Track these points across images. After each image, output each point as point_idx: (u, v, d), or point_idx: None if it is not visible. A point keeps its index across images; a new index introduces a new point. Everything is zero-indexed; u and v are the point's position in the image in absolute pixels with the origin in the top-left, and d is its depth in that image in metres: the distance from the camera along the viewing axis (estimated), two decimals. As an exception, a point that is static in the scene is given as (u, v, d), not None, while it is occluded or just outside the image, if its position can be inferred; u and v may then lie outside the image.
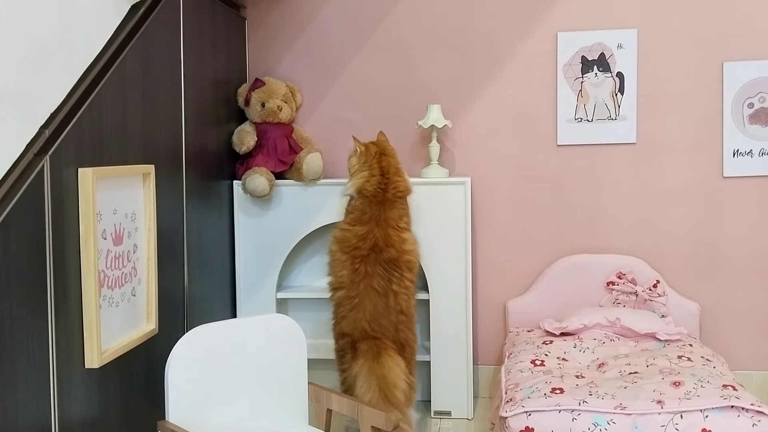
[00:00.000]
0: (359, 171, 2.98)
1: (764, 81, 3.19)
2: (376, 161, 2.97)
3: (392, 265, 2.87)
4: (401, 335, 2.88)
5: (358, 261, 2.87)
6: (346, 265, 2.89)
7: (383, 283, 2.86)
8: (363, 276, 2.86)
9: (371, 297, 2.84)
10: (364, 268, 2.86)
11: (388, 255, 2.87)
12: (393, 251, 2.88)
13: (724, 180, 3.26)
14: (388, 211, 2.92)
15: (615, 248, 3.33)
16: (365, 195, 2.93)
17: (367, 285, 2.85)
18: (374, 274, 2.85)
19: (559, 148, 3.35)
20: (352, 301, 2.87)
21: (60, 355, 1.91)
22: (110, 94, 2.16)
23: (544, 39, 3.33)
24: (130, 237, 2.28)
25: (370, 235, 2.88)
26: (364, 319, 2.84)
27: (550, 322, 3.09)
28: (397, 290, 2.87)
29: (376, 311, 2.84)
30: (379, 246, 2.87)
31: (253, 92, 3.26)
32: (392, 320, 2.85)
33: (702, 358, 2.73)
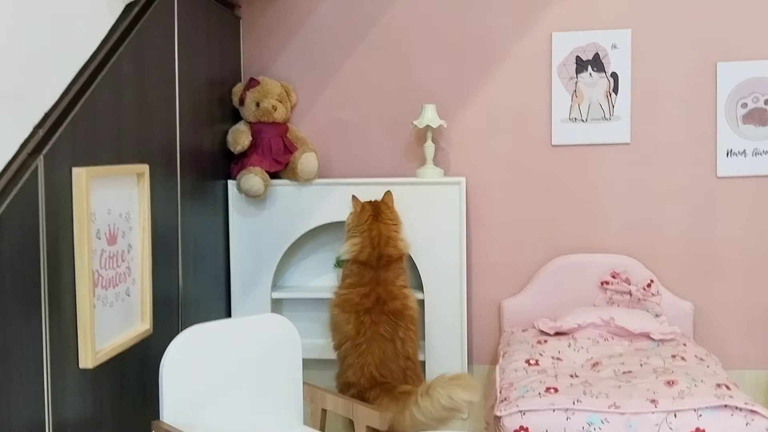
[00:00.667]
0: (351, 237, 2.96)
1: (758, 81, 3.21)
2: (368, 228, 2.93)
3: (397, 315, 2.85)
4: (410, 381, 2.81)
5: (362, 314, 2.84)
6: (350, 320, 2.85)
7: (389, 329, 2.82)
8: (369, 325, 2.82)
9: (379, 342, 2.80)
10: (369, 319, 2.83)
11: (393, 306, 2.85)
12: (397, 303, 2.86)
13: (718, 180, 3.27)
14: (384, 273, 2.90)
15: (609, 248, 3.34)
16: (359, 262, 2.92)
17: (373, 332, 2.81)
18: (380, 322, 2.82)
19: (553, 148, 3.36)
20: (358, 348, 2.81)
21: (54, 355, 1.91)
22: (104, 93, 2.16)
23: (538, 39, 3.33)
24: (125, 237, 2.28)
25: (372, 292, 2.86)
26: (372, 364, 2.77)
27: (545, 322, 3.10)
28: (404, 337, 2.83)
29: (384, 356, 2.79)
30: (382, 299, 2.85)
31: (248, 92, 3.25)
32: (401, 365, 2.80)
33: (696, 357, 2.74)
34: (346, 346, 2.85)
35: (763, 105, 3.21)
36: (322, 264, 3.45)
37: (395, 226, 2.98)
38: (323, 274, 3.46)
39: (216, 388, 2.12)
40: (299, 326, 3.41)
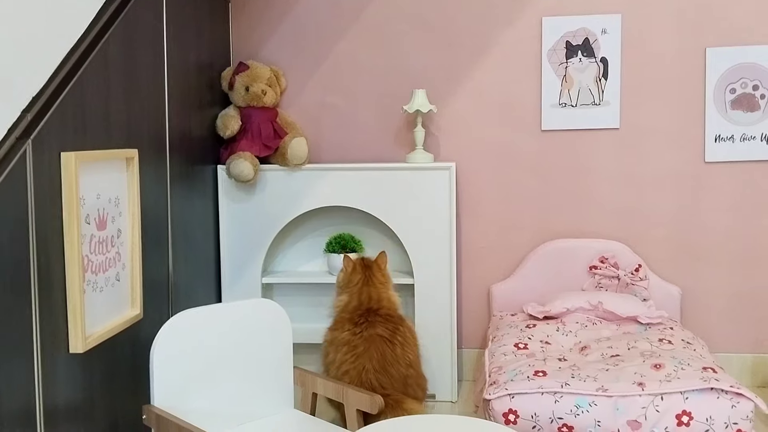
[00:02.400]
0: (340, 294, 2.87)
1: (746, 67, 3.22)
2: (357, 289, 2.81)
3: (395, 319, 2.74)
4: (411, 391, 2.64)
5: (358, 318, 2.72)
6: (345, 328, 2.72)
7: (388, 330, 2.67)
8: (366, 327, 2.68)
9: (377, 344, 2.62)
10: (365, 320, 2.70)
11: (388, 312, 2.75)
12: (393, 312, 2.76)
13: (706, 165, 3.29)
14: (376, 324, 2.72)
15: (598, 233, 3.36)
16: (348, 312, 2.80)
17: (371, 333, 2.65)
18: (377, 323, 2.69)
19: (543, 133, 3.36)
20: (355, 351, 2.62)
21: (44, 340, 1.90)
22: (93, 77, 2.14)
23: (528, 24, 3.33)
24: (114, 222, 2.27)
25: (364, 303, 2.76)
26: (370, 369, 2.57)
27: (534, 306, 3.12)
28: (404, 341, 2.68)
29: (383, 359, 2.59)
30: (374, 308, 2.75)
31: (237, 76, 3.24)
32: (401, 372, 2.62)
33: (682, 341, 2.77)
34: (342, 353, 2.65)
35: (751, 90, 3.23)
36: (312, 249, 3.46)
37: (385, 288, 2.85)
38: (313, 259, 3.47)
39: (207, 373, 2.12)
40: (289, 311, 3.45)
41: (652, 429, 2.30)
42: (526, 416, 2.36)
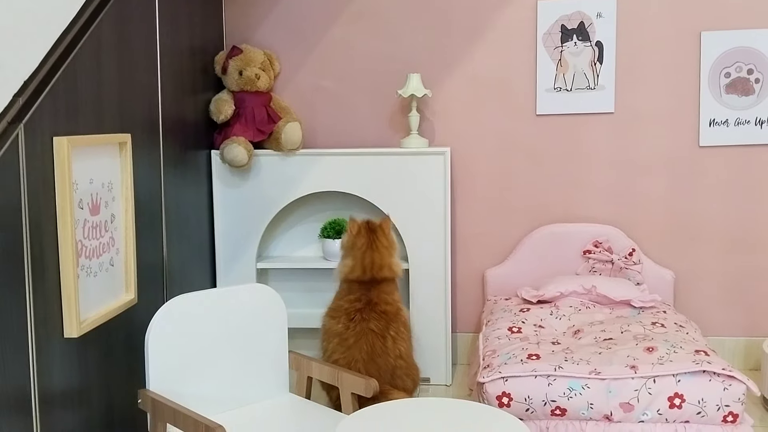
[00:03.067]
0: (344, 257, 2.85)
1: (741, 51, 3.22)
2: (361, 253, 2.79)
3: (390, 316, 2.74)
4: (399, 382, 2.68)
5: (353, 312, 2.72)
6: (340, 320, 2.73)
7: (380, 326, 2.69)
8: (359, 321, 2.69)
9: (368, 338, 2.66)
10: (360, 316, 2.70)
11: (386, 308, 2.74)
12: (391, 307, 2.76)
13: (700, 149, 3.29)
14: (377, 287, 2.77)
15: (592, 217, 3.37)
16: (350, 280, 2.81)
17: (363, 327, 2.68)
18: (370, 318, 2.69)
19: (538, 118, 3.36)
20: (345, 343, 2.67)
21: (38, 325, 1.90)
22: (85, 61, 2.13)
23: (523, 7, 3.32)
24: (108, 207, 2.27)
25: (364, 296, 2.75)
26: (359, 360, 2.63)
27: (528, 290, 3.13)
28: (395, 336, 2.70)
29: (372, 351, 2.64)
30: (373, 302, 2.74)
31: (231, 60, 3.22)
32: (390, 363, 2.66)
33: (675, 324, 2.78)
34: (334, 344, 2.71)
35: (746, 75, 3.22)
36: (307, 234, 3.46)
37: (389, 252, 2.84)
38: (308, 244, 3.47)
39: (202, 357, 2.13)
40: (284, 296, 3.46)
41: (645, 411, 2.32)
42: (519, 399, 2.37)
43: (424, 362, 3.23)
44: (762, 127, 3.23)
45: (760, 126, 3.24)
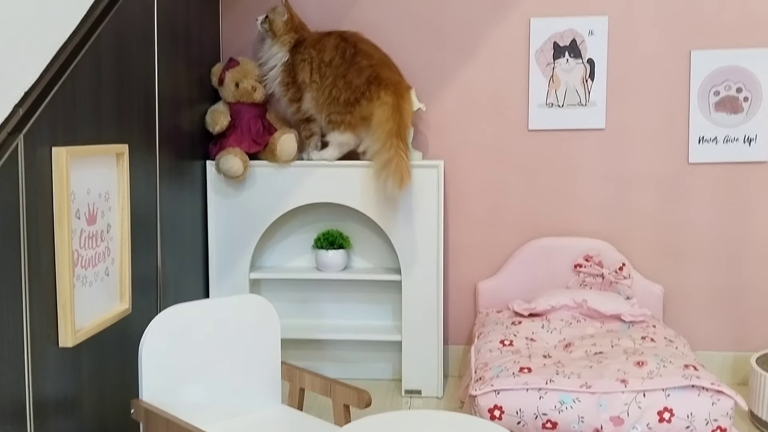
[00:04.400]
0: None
1: (730, 69, 3.27)
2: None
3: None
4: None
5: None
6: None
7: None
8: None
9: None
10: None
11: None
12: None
13: (690, 166, 3.34)
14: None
15: (583, 231, 3.40)
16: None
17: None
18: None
19: (530, 133, 3.40)
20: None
21: (34, 334, 1.91)
22: (84, 72, 2.15)
23: (517, 24, 3.36)
24: (104, 216, 2.28)
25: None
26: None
27: (519, 303, 3.16)
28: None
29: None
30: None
31: (228, 72, 3.25)
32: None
33: (665, 339, 2.81)
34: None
35: (734, 93, 3.28)
36: (300, 245, 3.47)
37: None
38: (301, 255, 3.48)
39: (195, 368, 2.14)
40: (277, 306, 3.47)
41: (635, 425, 2.35)
42: (511, 412, 2.39)
43: (415, 374, 3.25)
44: (750, 144, 3.28)
45: (749, 144, 3.29)
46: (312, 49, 3.21)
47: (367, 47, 3.21)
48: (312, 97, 3.20)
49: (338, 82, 3.14)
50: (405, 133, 3.12)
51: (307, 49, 3.22)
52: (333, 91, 3.15)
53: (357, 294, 3.46)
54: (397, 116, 3.07)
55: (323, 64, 3.18)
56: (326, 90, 3.16)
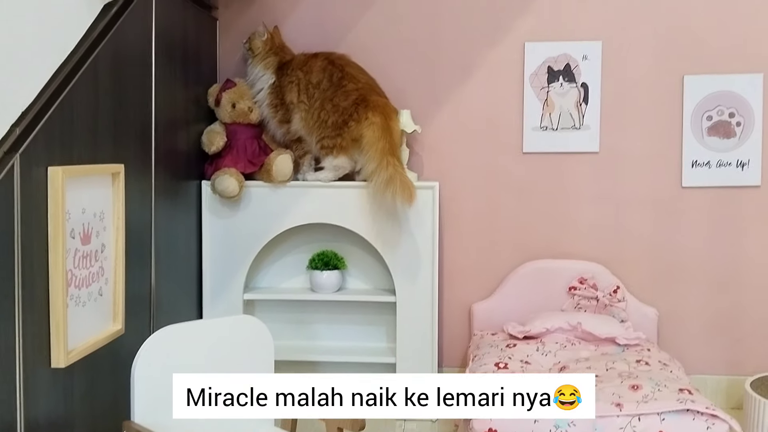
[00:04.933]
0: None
1: (723, 94, 3.30)
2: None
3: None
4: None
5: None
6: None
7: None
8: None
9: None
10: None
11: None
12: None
13: (683, 190, 3.36)
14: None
15: (577, 254, 3.40)
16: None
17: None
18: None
19: (524, 156, 3.42)
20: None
21: (26, 354, 1.90)
22: (81, 93, 2.15)
23: (511, 48, 3.39)
24: (99, 236, 2.27)
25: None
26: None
27: (514, 326, 3.15)
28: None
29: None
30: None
31: (224, 93, 3.26)
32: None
33: (659, 362, 2.81)
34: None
35: (727, 118, 3.31)
36: (294, 266, 3.47)
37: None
38: (296, 275, 3.47)
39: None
40: (271, 328, 3.42)
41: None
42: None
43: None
44: (743, 169, 3.31)
45: (741, 168, 3.31)
46: (299, 71, 3.23)
47: (354, 71, 3.24)
48: (301, 117, 3.22)
49: (326, 105, 3.17)
50: (397, 151, 3.14)
51: (294, 71, 3.24)
52: (321, 114, 3.18)
53: (351, 315, 3.45)
54: (387, 135, 3.11)
55: (311, 85, 3.20)
56: (315, 112, 3.19)
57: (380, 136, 3.10)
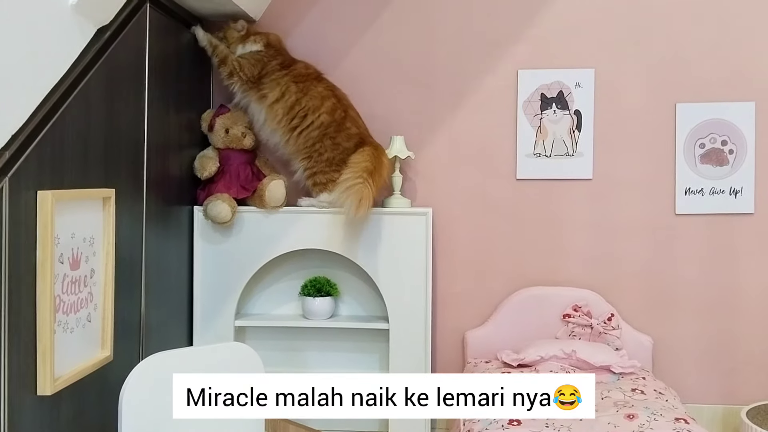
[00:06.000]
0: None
1: (715, 122, 3.32)
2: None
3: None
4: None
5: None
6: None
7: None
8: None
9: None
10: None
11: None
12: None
13: (676, 217, 3.35)
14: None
15: (571, 281, 3.39)
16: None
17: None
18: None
19: (518, 182, 3.41)
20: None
21: (11, 380, 1.86)
22: (73, 116, 2.14)
23: (504, 75, 3.40)
24: (88, 261, 2.25)
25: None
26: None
27: (508, 354, 3.12)
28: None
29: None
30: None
31: (218, 118, 3.25)
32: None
33: (655, 391, 2.78)
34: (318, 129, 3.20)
35: (720, 146, 3.32)
36: (286, 292, 3.43)
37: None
38: (288, 302, 3.44)
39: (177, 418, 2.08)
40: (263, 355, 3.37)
41: (626, 480, 2.30)
42: (499, 466, 2.34)
43: (403, 426, 3.18)
44: (736, 196, 3.31)
45: (734, 196, 3.31)
46: (292, 84, 3.21)
47: (354, 114, 3.28)
48: (276, 120, 3.21)
49: (324, 140, 3.17)
50: (379, 176, 3.13)
51: (287, 76, 3.22)
52: (317, 146, 3.17)
53: (344, 342, 3.42)
54: (375, 161, 3.13)
55: (298, 106, 3.19)
56: (304, 137, 3.18)
57: (368, 159, 3.12)
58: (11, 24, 1.86)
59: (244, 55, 3.23)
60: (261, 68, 3.21)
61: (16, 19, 1.86)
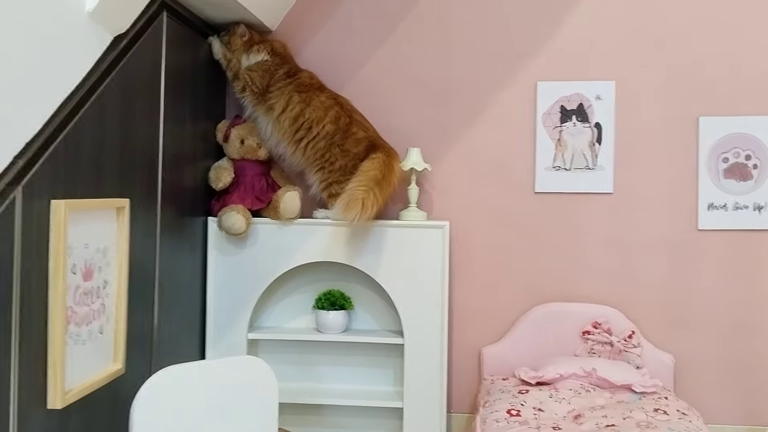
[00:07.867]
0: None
1: (739, 137, 3.25)
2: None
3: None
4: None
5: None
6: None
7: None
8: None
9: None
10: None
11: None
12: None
13: (699, 232, 3.29)
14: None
15: (590, 297, 3.32)
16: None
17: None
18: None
19: (536, 196, 3.36)
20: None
21: (21, 394, 1.82)
22: (88, 125, 2.11)
23: (524, 88, 3.36)
24: (101, 272, 2.21)
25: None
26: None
27: (526, 371, 3.05)
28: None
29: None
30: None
31: (233, 128, 3.23)
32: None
33: (678, 411, 2.71)
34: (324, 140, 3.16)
35: (744, 160, 3.25)
36: (300, 305, 3.39)
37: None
38: (301, 315, 3.39)
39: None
40: (276, 369, 3.35)
41: (649, 504, 2.23)
42: (518, 487, 2.27)
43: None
44: (760, 212, 3.24)
45: (758, 211, 3.24)
46: (295, 94, 3.17)
47: (360, 118, 3.23)
48: (282, 131, 3.18)
49: (333, 149, 3.14)
50: (387, 184, 3.09)
51: (290, 85, 3.19)
52: (326, 155, 3.14)
53: (358, 357, 3.36)
54: (384, 169, 3.09)
55: (303, 118, 3.15)
56: (312, 147, 3.15)
57: (377, 167, 3.08)
58: (27, 30, 1.84)
59: (252, 67, 3.20)
60: (269, 78, 3.19)
61: (32, 25, 1.84)
